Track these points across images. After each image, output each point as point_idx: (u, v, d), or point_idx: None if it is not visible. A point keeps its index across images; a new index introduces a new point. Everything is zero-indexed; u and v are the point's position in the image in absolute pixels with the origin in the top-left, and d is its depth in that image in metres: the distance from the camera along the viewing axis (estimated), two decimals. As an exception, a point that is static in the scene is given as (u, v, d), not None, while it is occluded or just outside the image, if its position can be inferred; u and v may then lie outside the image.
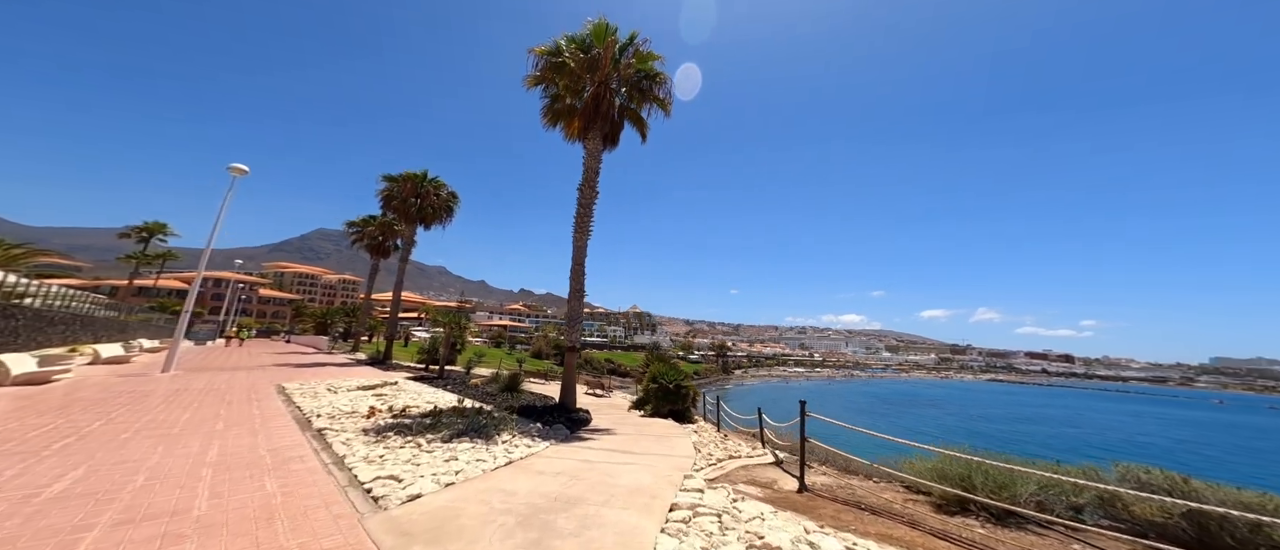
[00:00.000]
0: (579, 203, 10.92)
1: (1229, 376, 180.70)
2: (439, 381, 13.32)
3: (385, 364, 20.59)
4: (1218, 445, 36.06)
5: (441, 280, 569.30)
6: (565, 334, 10.05)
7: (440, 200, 25.66)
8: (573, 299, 10.09)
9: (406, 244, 25.27)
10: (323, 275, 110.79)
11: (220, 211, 14.99)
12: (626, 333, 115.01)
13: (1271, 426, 51.15)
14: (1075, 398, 79.88)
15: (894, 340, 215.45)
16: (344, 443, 5.54)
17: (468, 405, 8.79)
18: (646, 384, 11.31)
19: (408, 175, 24.85)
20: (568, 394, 9.84)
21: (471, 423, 6.74)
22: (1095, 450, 29.74)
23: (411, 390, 10.88)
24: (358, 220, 32.72)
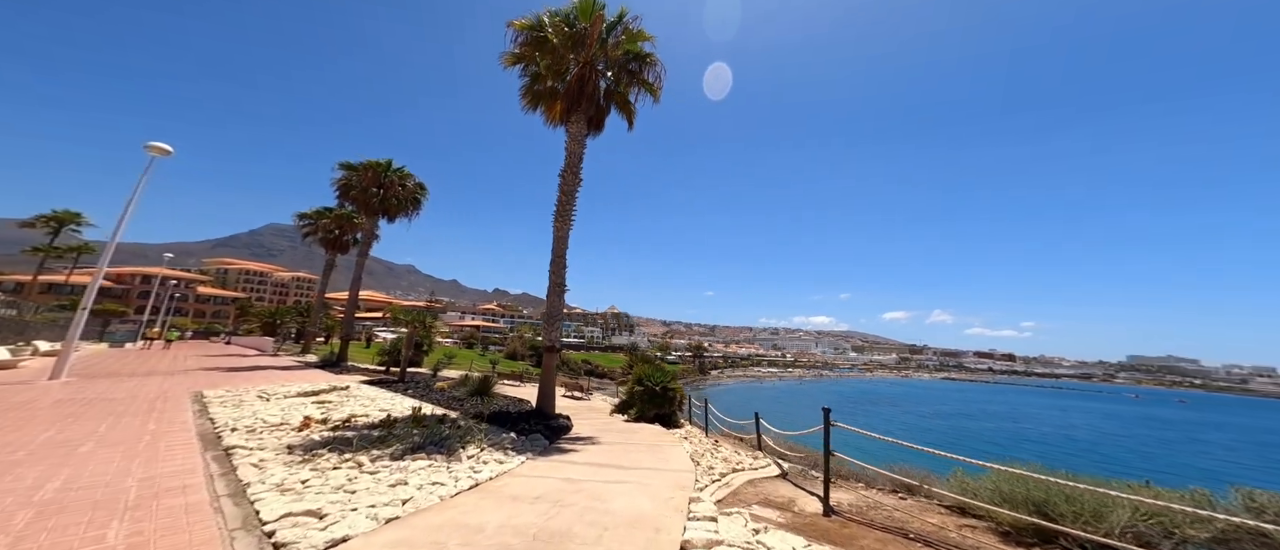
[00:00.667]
0: (561, 189, 10.00)
1: (1142, 373, 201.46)
2: (399, 386, 11.94)
3: (339, 367, 18.69)
4: (1136, 437, 39.86)
5: (410, 279, 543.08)
6: (543, 332, 9.08)
7: (406, 191, 23.78)
8: (552, 294, 9.14)
9: (366, 237, 23.24)
10: (273, 273, 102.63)
11: (133, 195, 12.87)
12: (604, 333, 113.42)
13: (1178, 418, 57.59)
14: (1016, 394, 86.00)
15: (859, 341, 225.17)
16: (256, 465, 4.40)
17: (429, 412, 7.67)
18: (631, 387, 10.51)
19: (369, 164, 22.86)
20: (546, 398, 8.87)
21: (431, 434, 5.70)
22: (1033, 444, 31.85)
23: (364, 396, 9.55)
24: (311, 212, 29.97)
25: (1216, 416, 63.09)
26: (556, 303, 9.13)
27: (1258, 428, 53.61)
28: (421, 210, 25.45)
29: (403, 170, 24.21)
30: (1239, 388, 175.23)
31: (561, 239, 9.58)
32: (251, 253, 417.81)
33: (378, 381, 12.72)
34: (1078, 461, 26.72)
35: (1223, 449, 36.39)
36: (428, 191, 25.56)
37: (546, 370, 9.01)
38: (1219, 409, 77.70)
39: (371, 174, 22.48)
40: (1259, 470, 27.37)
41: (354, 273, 22.78)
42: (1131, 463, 27.80)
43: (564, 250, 9.57)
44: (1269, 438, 44.36)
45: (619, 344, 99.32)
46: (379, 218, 23.18)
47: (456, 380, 12.86)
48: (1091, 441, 36.05)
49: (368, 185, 22.25)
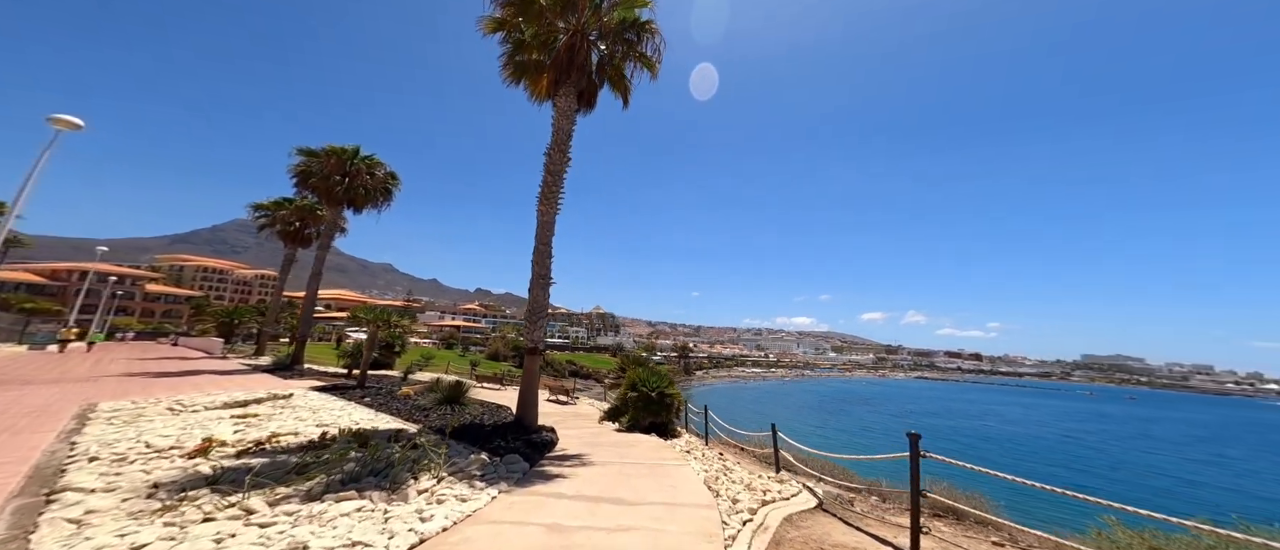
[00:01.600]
0: (546, 169, 8.79)
1: (1095, 371, 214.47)
2: (357, 392, 10.39)
3: (292, 371, 16.76)
4: (1095, 434, 42.07)
5: (387, 278, 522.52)
6: (525, 331, 7.83)
7: (375, 181, 21.85)
8: (535, 287, 7.91)
9: (329, 229, 21.22)
10: (235, 270, 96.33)
11: (32, 172, 10.83)
12: (589, 334, 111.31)
13: (1129, 415, 61.71)
14: (982, 392, 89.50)
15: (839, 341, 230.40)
16: (77, 520, 3.03)
17: (383, 427, 6.33)
18: (624, 392, 9.37)
19: (331, 150, 20.83)
20: (527, 407, 7.62)
21: (372, 459, 4.39)
22: (1002, 443, 32.67)
23: (307, 406, 8.05)
24: (268, 202, 27.43)
25: (1161, 412, 67.75)
26: (540, 297, 7.91)
27: (1198, 422, 58.27)
28: (392, 202, 23.55)
29: (372, 158, 22.27)
30: (1180, 385, 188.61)
31: (546, 225, 8.37)
32: (213, 249, 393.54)
33: (332, 388, 11.11)
34: (1050, 458, 27.52)
35: (1170, 444, 39.10)
36: (400, 182, 23.67)
37: (528, 374, 7.76)
38: (1163, 405, 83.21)
39: (335, 161, 20.49)
40: (1204, 464, 29.09)
41: (314, 267, 20.73)
42: (1092, 459, 28.82)
43: (549, 237, 8.35)
44: (1208, 432, 48.15)
45: (604, 344, 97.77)
46: (344, 208, 21.20)
47: (427, 385, 11.42)
48: (1057, 439, 37.39)
49: (330, 173, 20.26)
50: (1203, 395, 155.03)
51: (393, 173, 23.23)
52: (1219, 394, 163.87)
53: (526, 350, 7.67)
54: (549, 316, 9.56)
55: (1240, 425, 57.01)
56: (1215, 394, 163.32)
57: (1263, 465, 29.68)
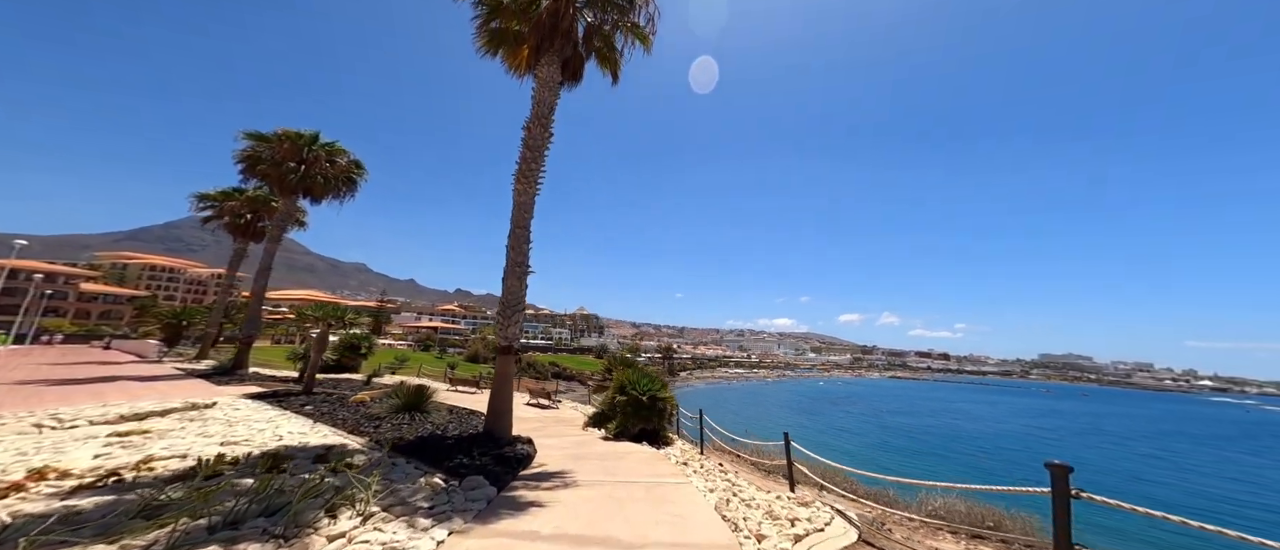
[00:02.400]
0: (525, 144, 7.75)
1: (1051, 369, 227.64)
2: (300, 400, 8.96)
3: (234, 375, 14.92)
4: (1055, 429, 44.42)
5: (361, 278, 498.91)
6: (498, 327, 6.74)
7: (336, 169, 20.04)
8: (510, 276, 6.84)
9: (282, 220, 19.29)
10: (188, 268, 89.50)
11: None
12: (573, 335, 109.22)
13: (1083, 411, 66.42)
14: (952, 391, 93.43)
15: (817, 342, 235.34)
16: None
17: (316, 443, 5.12)
18: (612, 396, 8.38)
19: (285, 134, 18.94)
20: (499, 416, 6.52)
21: (267, 492, 3.22)
22: (973, 441, 33.69)
23: (225, 419, 6.68)
24: (215, 192, 24.96)
25: (1109, 408, 73.14)
26: (516, 288, 6.84)
27: (1140, 416, 63.98)
28: (357, 192, 21.76)
29: (333, 145, 20.44)
30: (1125, 381, 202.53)
31: (524, 206, 7.31)
32: (166, 247, 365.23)
33: (272, 395, 9.61)
34: (1018, 456, 28.42)
35: (1120, 437, 42.38)
36: (365, 172, 21.89)
37: (501, 377, 6.66)
38: (1111, 402, 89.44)
39: (289, 146, 18.61)
40: (1151, 459, 31.14)
41: (262, 261, 18.75)
42: (1057, 454, 30.09)
43: (528, 220, 7.30)
44: (1151, 426, 52.52)
45: (588, 346, 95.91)
46: (298, 198, 19.32)
47: (390, 389, 10.06)
48: (1022, 435, 38.99)
49: (283, 159, 18.38)
50: (1144, 391, 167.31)
51: (357, 161, 21.45)
52: (1159, 390, 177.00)
53: (499, 349, 6.58)
54: (527, 313, 8.49)
55: (1179, 419, 61.85)
56: (1155, 390, 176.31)
57: (1203, 460, 31.70)
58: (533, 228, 7.44)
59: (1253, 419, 68.08)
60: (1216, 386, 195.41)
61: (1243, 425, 57.86)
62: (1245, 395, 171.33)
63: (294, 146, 18.92)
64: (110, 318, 64.79)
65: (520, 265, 6.92)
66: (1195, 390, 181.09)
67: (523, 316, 6.90)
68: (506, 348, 6.55)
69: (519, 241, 7.06)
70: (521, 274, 6.91)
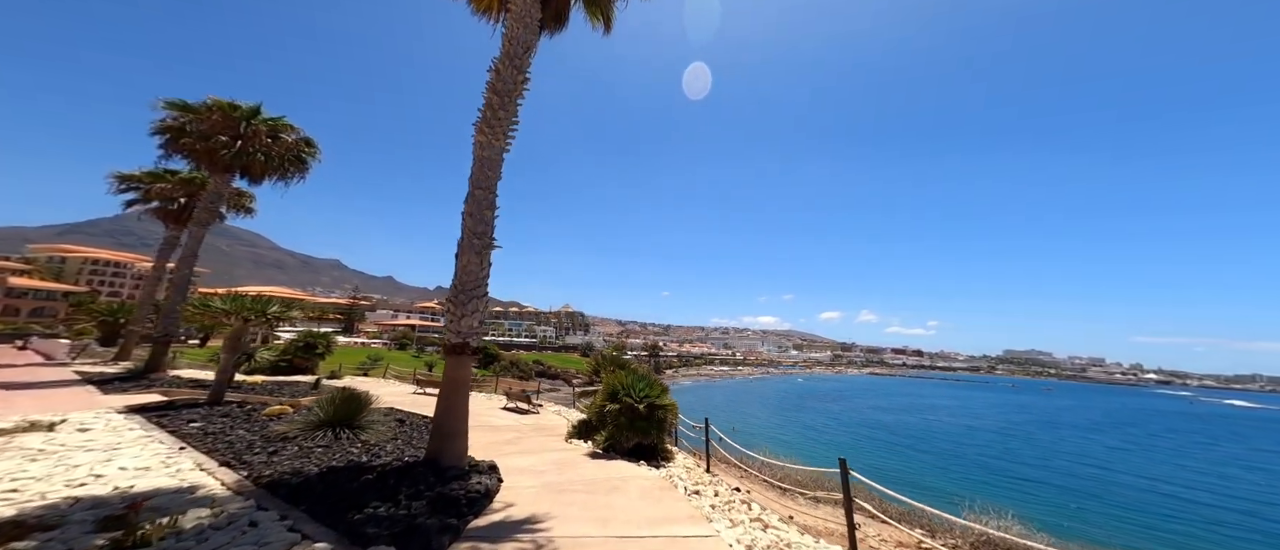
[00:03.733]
0: (491, 88, 6.11)
1: (1015, 364, 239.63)
2: (198, 413, 6.95)
3: (144, 380, 12.55)
4: (1021, 422, 46.61)
5: (335, 275, 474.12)
6: (447, 316, 5.03)
7: (281, 147, 17.58)
8: (466, 251, 5.17)
9: (213, 200, 16.74)
10: (135, 263, 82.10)
11: None
12: (558, 333, 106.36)
13: (1046, 404, 70.18)
14: (928, 386, 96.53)
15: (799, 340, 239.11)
16: None
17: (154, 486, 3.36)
18: (602, 402, 6.82)
19: (217, 104, 16.37)
20: (448, 437, 4.82)
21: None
22: (947, 437, 34.16)
23: (54, 444, 4.74)
24: (140, 173, 21.77)
25: (1069, 401, 77.95)
26: (473, 267, 5.16)
27: (1097, 408, 68.55)
28: (308, 174, 19.29)
29: (279, 120, 17.95)
30: (1080, 376, 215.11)
31: (488, 163, 5.66)
32: (115, 241, 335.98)
33: (168, 406, 7.52)
34: (990, 452, 28.73)
35: (1080, 426, 45.03)
36: (318, 151, 19.43)
37: (451, 384, 4.96)
38: (1070, 395, 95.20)
39: (221, 117, 16.08)
40: (1115, 450, 32.73)
41: (186, 247, 16.18)
42: (1022, 450, 30.82)
43: (493, 180, 5.64)
44: (1106, 417, 55.94)
45: (573, 344, 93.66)
46: (233, 177, 16.82)
47: (326, 400, 8.12)
48: (995, 430, 39.91)
49: (214, 132, 15.86)
50: (1097, 384, 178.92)
51: (307, 139, 18.98)
52: (1110, 383, 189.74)
53: (448, 348, 4.88)
54: (514, 316, 6.77)
55: (1131, 412, 66.24)
56: (1107, 383, 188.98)
57: (1162, 452, 32.92)
58: (502, 194, 5.80)
59: (1197, 412, 72.69)
60: (1161, 379, 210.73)
61: (1192, 418, 61.65)
62: (1186, 387, 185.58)
63: (227, 119, 16.40)
64: (43, 315, 58.41)
65: (480, 238, 5.25)
66: (1142, 383, 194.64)
67: (485, 305, 5.23)
68: (459, 346, 4.85)
69: (480, 207, 5.40)
70: (482, 249, 5.24)
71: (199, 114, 15.88)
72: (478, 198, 5.45)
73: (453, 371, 4.83)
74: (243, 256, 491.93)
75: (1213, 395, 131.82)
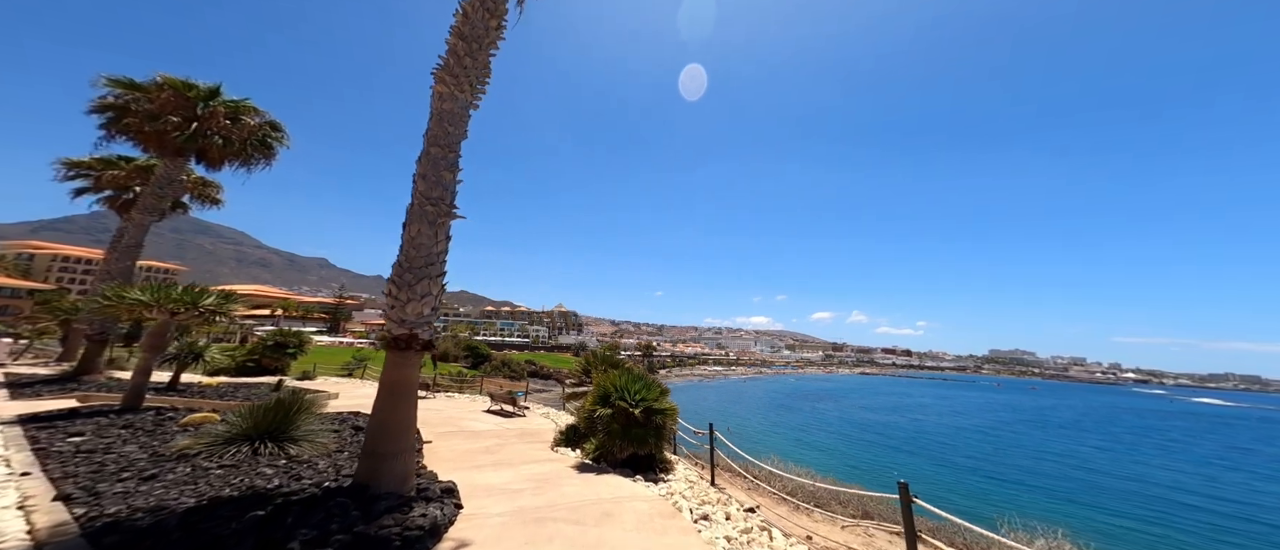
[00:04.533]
0: (455, 33, 5.08)
1: (1000, 364, 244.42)
2: (93, 423, 5.70)
3: (72, 383, 11.15)
4: (1007, 422, 46.22)
5: (321, 274, 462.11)
6: (391, 301, 3.93)
7: (242, 130, 16.16)
8: (417, 220, 4.09)
9: (162, 184, 15.28)
10: (110, 259, 78.07)
11: None
12: (551, 333, 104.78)
13: (1033, 404, 69.87)
14: (916, 386, 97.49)
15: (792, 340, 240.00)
16: None
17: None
18: (592, 405, 5.80)
19: (168, 81, 14.88)
20: (382, 460, 3.70)
21: None
22: (934, 437, 34.08)
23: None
24: (91, 159, 20.06)
25: (1054, 400, 78.92)
26: (424, 240, 4.09)
27: (1083, 406, 69.06)
28: (274, 160, 17.89)
29: (242, 102, 16.53)
30: (1062, 375, 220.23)
31: (450, 116, 4.60)
32: (93, 238, 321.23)
33: (65, 415, 6.25)
34: (981, 452, 28.60)
35: (1064, 425, 44.80)
36: (286, 136, 18.03)
37: (393, 389, 3.84)
38: (1055, 394, 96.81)
39: (171, 96, 14.63)
40: (1103, 451, 32.61)
41: (128, 237, 14.70)
42: (1012, 452, 30.98)
43: (456, 139, 4.59)
44: (1091, 415, 56.49)
45: (566, 343, 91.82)
46: (186, 161, 15.40)
47: (254, 404, 6.94)
48: (982, 429, 40.02)
49: (163, 112, 14.42)
50: (1079, 383, 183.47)
51: (273, 122, 17.57)
52: (1091, 382, 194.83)
53: (389, 342, 3.78)
54: (505, 316, 5.68)
55: (1113, 410, 67.18)
56: (1088, 382, 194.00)
57: (1146, 450, 33.22)
58: (465, 130, 4.73)
59: (1174, 410, 74.21)
60: (1138, 378, 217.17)
61: (1170, 417, 62.78)
62: (1162, 385, 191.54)
63: (180, 99, 14.95)
64: (6, 313, 55.31)
65: (436, 204, 4.19)
66: (1121, 382, 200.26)
67: (440, 289, 4.15)
68: (404, 338, 3.76)
69: (437, 168, 4.33)
70: (438, 218, 4.17)
71: (147, 92, 14.42)
72: (433, 157, 4.39)
73: (394, 372, 3.75)
74: (227, 255, 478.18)
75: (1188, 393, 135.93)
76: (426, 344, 3.83)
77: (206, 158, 15.85)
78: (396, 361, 3.73)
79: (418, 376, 3.86)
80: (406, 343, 3.73)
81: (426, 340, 3.83)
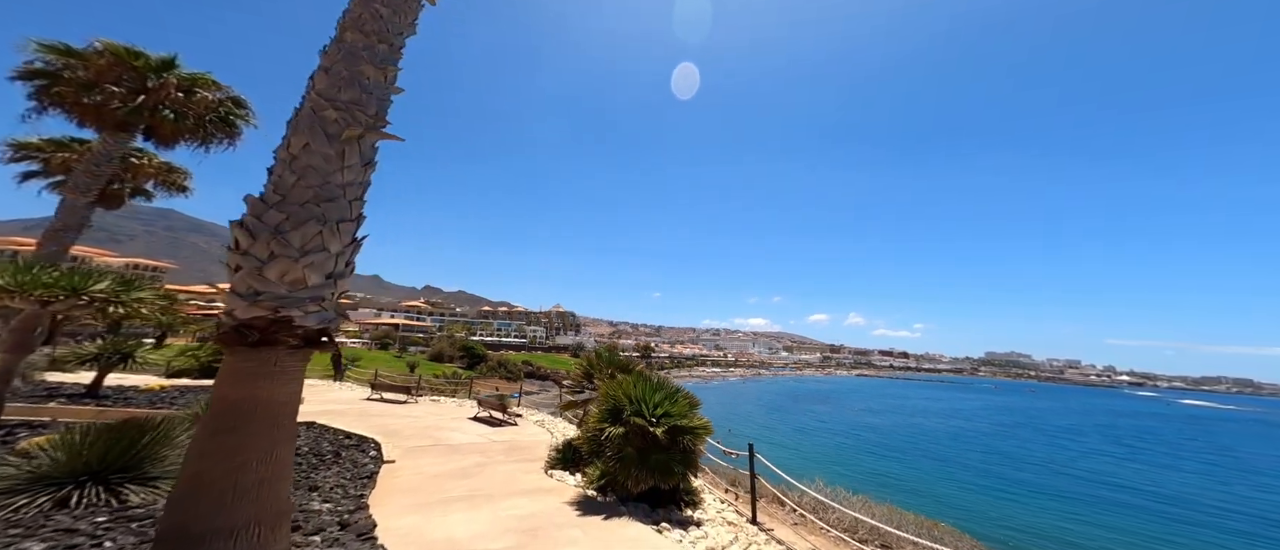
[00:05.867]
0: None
1: (996, 366, 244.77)
2: None
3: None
4: (1007, 426, 44.87)
5: None
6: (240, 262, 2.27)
7: (199, 105, 14.35)
8: (307, 131, 2.44)
9: (99, 161, 13.43)
10: (98, 257, 75.96)
11: None
12: (548, 333, 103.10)
13: (1031, 407, 69.31)
14: (914, 388, 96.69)
15: (789, 341, 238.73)
16: None
17: None
18: (598, 420, 4.22)
19: (109, 48, 12.99)
20: (205, 543, 1.92)
21: None
22: (932, 441, 33.11)
23: None
24: (39, 140, 18.05)
25: (1052, 403, 79.08)
26: (320, 162, 2.43)
27: (1080, 410, 68.40)
28: (240, 140, 16.13)
29: (202, 75, 14.72)
30: (1058, 377, 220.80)
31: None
32: (89, 238, 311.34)
33: None
34: (981, 457, 27.45)
35: (1066, 431, 43.94)
36: (251, 113, 16.22)
37: (228, 417, 2.03)
38: (1053, 397, 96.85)
39: (112, 64, 12.81)
40: (1102, 454, 31.84)
41: (58, 217, 12.86)
42: (1019, 453, 29.76)
43: (401, 20, 2.95)
44: (1089, 419, 55.55)
45: (564, 344, 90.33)
46: (129, 137, 13.57)
47: (88, 431, 5.28)
48: (985, 433, 39.08)
49: (101, 83, 12.61)
50: (1075, 386, 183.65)
51: (237, 98, 15.73)
52: (1086, 385, 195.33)
53: (228, 333, 2.04)
54: (503, 316, 4.55)
55: (1111, 413, 66.38)
56: (1083, 385, 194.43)
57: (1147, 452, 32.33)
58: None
59: (1172, 413, 72.92)
60: (1133, 381, 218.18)
61: (1169, 420, 61.88)
62: (1156, 388, 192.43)
63: (124, 67, 13.15)
64: None
65: (345, 109, 2.55)
66: (1116, 384, 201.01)
67: (349, 246, 2.52)
68: (264, 328, 2.06)
69: (352, 61, 2.70)
70: (344, 131, 2.53)
71: (83, 58, 12.61)
72: (350, 47, 2.76)
73: (237, 387, 2.00)
74: (221, 253, 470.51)
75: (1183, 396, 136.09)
76: (315, 337, 2.19)
77: (157, 134, 14.03)
78: (243, 370, 2.00)
79: (295, 396, 2.15)
80: (266, 334, 2.04)
81: (315, 331, 2.18)
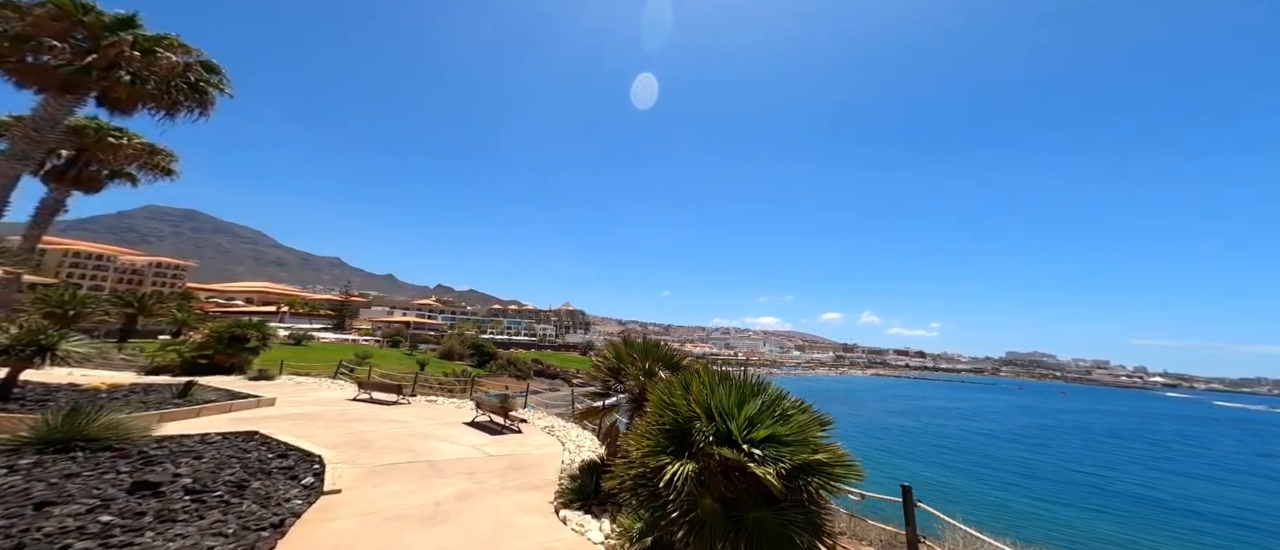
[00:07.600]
0: None
1: (1019, 366, 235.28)
2: None
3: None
4: (1037, 427, 41.62)
5: (335, 273, 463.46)
6: None
7: (161, 68, 12.75)
8: None
9: (44, 124, 11.89)
10: (120, 255, 77.37)
11: None
12: (558, 332, 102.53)
13: (1066, 407, 63.43)
14: (932, 388, 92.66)
15: (801, 340, 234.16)
16: None
17: None
18: (647, 441, 2.13)
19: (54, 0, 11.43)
20: None
21: None
22: (956, 441, 30.48)
23: None
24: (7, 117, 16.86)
25: (1087, 405, 72.92)
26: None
27: (1120, 412, 62.12)
28: (212, 109, 14.58)
29: (166, 36, 13.19)
30: (1086, 378, 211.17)
31: None
32: (118, 238, 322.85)
33: None
34: (1030, 461, 25.10)
35: (1108, 434, 40.39)
36: (226, 80, 14.79)
37: None
38: (1086, 398, 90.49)
39: (53, 19, 11.23)
40: (1147, 460, 29.34)
41: None
42: (1048, 459, 27.23)
43: None
44: (1131, 423, 50.22)
45: (573, 343, 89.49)
46: (77, 100, 12.05)
47: None
48: (1010, 435, 35.99)
49: (38, 36, 11.06)
50: (1105, 387, 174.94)
51: (209, 63, 14.28)
52: (1116, 386, 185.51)
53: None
54: (513, 315, 17.14)
55: (1152, 417, 59.73)
56: (1113, 386, 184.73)
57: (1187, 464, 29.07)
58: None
59: (1219, 417, 65.94)
60: (1167, 382, 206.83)
61: (1222, 423, 56.93)
62: (1193, 390, 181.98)
63: (70, 21, 11.55)
64: (8, 307, 53.46)
65: None
66: (1149, 386, 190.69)
67: None
68: None
69: None
70: None
71: (19, 11, 11.03)
72: None
73: None
74: (244, 254, 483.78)
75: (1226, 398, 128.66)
76: None
77: (111, 99, 12.48)
78: None
79: None
80: None
81: None
